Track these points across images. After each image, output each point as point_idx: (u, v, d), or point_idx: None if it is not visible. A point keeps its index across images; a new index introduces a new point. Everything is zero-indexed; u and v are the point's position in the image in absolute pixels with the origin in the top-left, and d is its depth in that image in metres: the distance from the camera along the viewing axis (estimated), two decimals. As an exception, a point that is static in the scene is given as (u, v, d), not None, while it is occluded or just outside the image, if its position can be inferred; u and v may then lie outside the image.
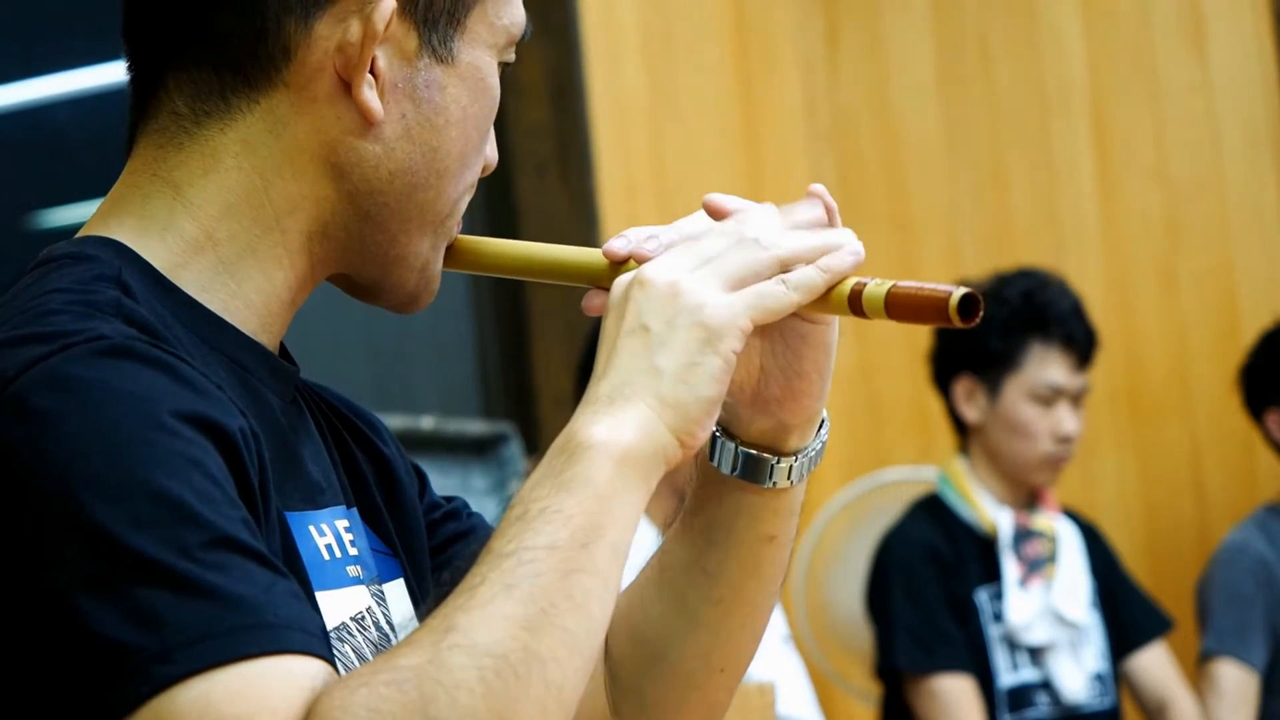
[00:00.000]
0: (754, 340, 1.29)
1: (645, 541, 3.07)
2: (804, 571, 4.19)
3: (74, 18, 3.37)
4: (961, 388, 3.69)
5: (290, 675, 1.06)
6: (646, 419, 1.17)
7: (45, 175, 3.32)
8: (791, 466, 1.34)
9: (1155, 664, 3.73)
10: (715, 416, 1.20)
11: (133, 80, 1.31)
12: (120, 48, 1.32)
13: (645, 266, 1.22)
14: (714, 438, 1.34)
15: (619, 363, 1.19)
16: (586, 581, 1.11)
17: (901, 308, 1.20)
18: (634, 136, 4.26)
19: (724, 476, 1.35)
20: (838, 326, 1.32)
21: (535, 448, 3.99)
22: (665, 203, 4.29)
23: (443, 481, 3.42)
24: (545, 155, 4.05)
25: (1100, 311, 3.98)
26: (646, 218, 4.25)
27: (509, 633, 1.07)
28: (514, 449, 3.60)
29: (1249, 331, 4.21)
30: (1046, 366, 3.64)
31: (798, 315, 1.27)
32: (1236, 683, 3.75)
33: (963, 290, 1.19)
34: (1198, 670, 3.80)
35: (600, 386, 1.18)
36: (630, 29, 4.28)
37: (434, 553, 1.42)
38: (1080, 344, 3.66)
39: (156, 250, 1.25)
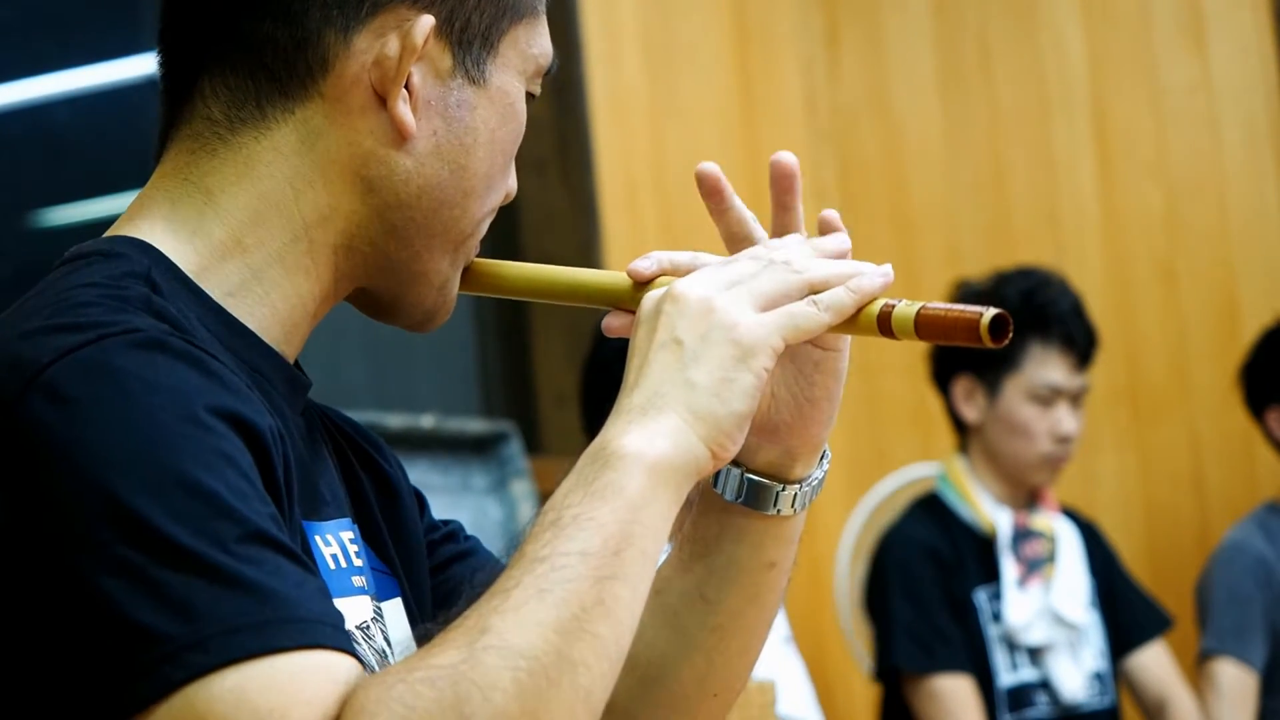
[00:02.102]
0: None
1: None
2: (849, 557, 4.18)
3: (74, 18, 3.37)
4: (961, 387, 3.69)
5: (324, 670, 1.07)
6: (679, 430, 1.18)
7: (45, 175, 3.32)
8: (795, 494, 1.35)
9: (1155, 663, 3.73)
10: (745, 431, 1.21)
11: (166, 83, 1.32)
12: (118, 48, 1.32)
13: (678, 282, 1.23)
14: None
15: (651, 374, 1.20)
16: (617, 588, 1.12)
17: (931, 328, 1.22)
18: (634, 135, 4.26)
19: (726, 503, 1.36)
20: (848, 355, 1.33)
21: (535, 447, 4.00)
22: (665, 201, 4.29)
23: (443, 481, 3.42)
24: (545, 153, 4.06)
25: (1100, 311, 3.98)
26: (646, 216, 4.26)
27: (542, 636, 1.09)
28: (514, 448, 3.60)
29: (1249, 331, 4.21)
30: (1046, 366, 3.63)
31: (819, 340, 1.29)
32: (1236, 682, 3.75)
33: (994, 311, 1.20)
34: (1197, 669, 3.80)
35: (633, 397, 1.20)
36: (630, 29, 4.28)
37: (433, 573, 1.43)
38: (1080, 344, 3.66)
39: (184, 253, 1.26)
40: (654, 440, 1.17)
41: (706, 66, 4.51)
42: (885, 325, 1.23)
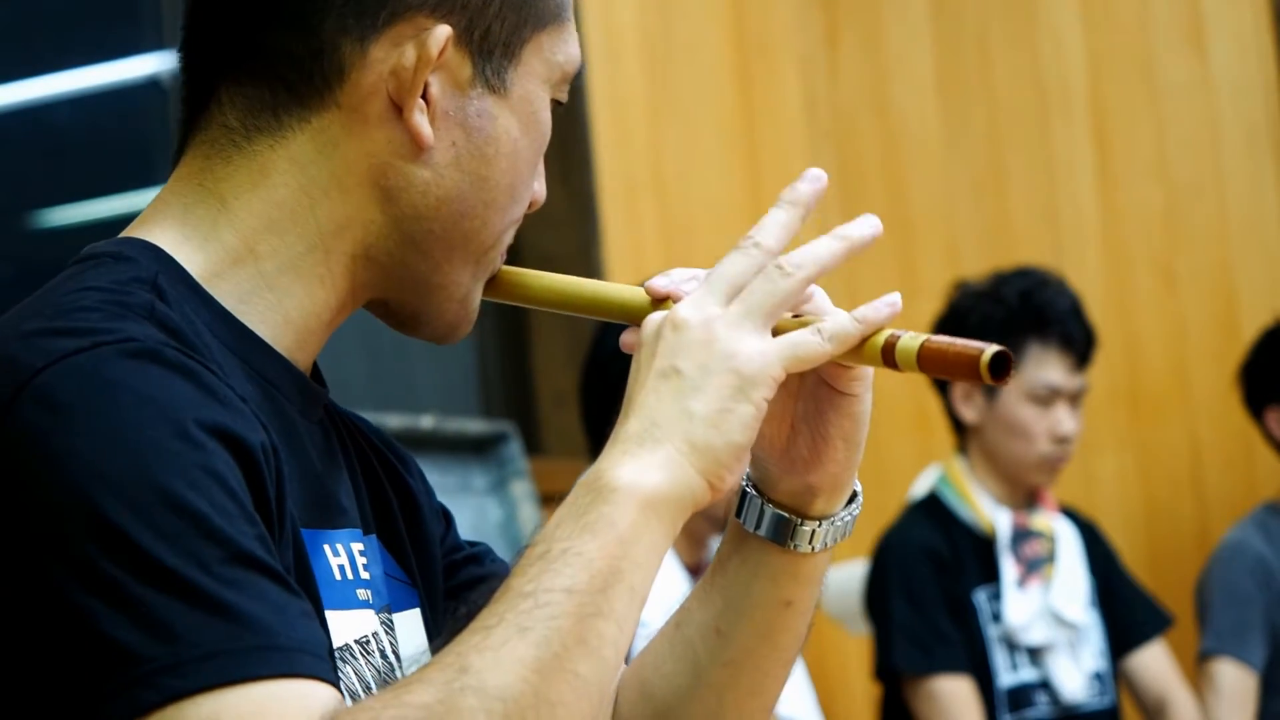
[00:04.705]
0: (788, 398, 1.30)
1: (671, 577, 3.06)
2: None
3: (74, 18, 3.37)
4: (959, 388, 3.69)
5: (300, 700, 1.06)
6: (675, 462, 1.17)
7: (45, 175, 3.32)
8: (814, 531, 1.33)
9: (1154, 662, 3.73)
10: (745, 462, 1.20)
11: (186, 91, 1.31)
12: (118, 48, 1.33)
13: (679, 307, 1.21)
14: (744, 493, 1.34)
15: (649, 403, 1.19)
16: (602, 626, 1.11)
17: (933, 362, 1.21)
18: (634, 136, 4.26)
19: (749, 536, 1.34)
20: (870, 400, 1.32)
21: (535, 447, 4.00)
22: (665, 202, 4.29)
23: (442, 481, 3.42)
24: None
25: (1100, 311, 3.98)
26: (646, 216, 4.26)
27: (520, 676, 1.07)
28: (514, 448, 3.60)
29: (1249, 331, 4.21)
30: (1044, 367, 3.63)
31: (830, 373, 1.28)
32: (1235, 682, 3.75)
33: (995, 348, 1.19)
34: (1197, 669, 3.80)
35: (629, 426, 1.18)
36: (630, 29, 4.28)
37: (452, 593, 1.42)
38: (1078, 344, 3.65)
39: (195, 259, 1.25)
40: (648, 472, 1.16)
41: (706, 67, 4.51)
42: (889, 357, 1.22)
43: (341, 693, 1.12)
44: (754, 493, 1.34)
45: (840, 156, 4.79)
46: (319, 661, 1.08)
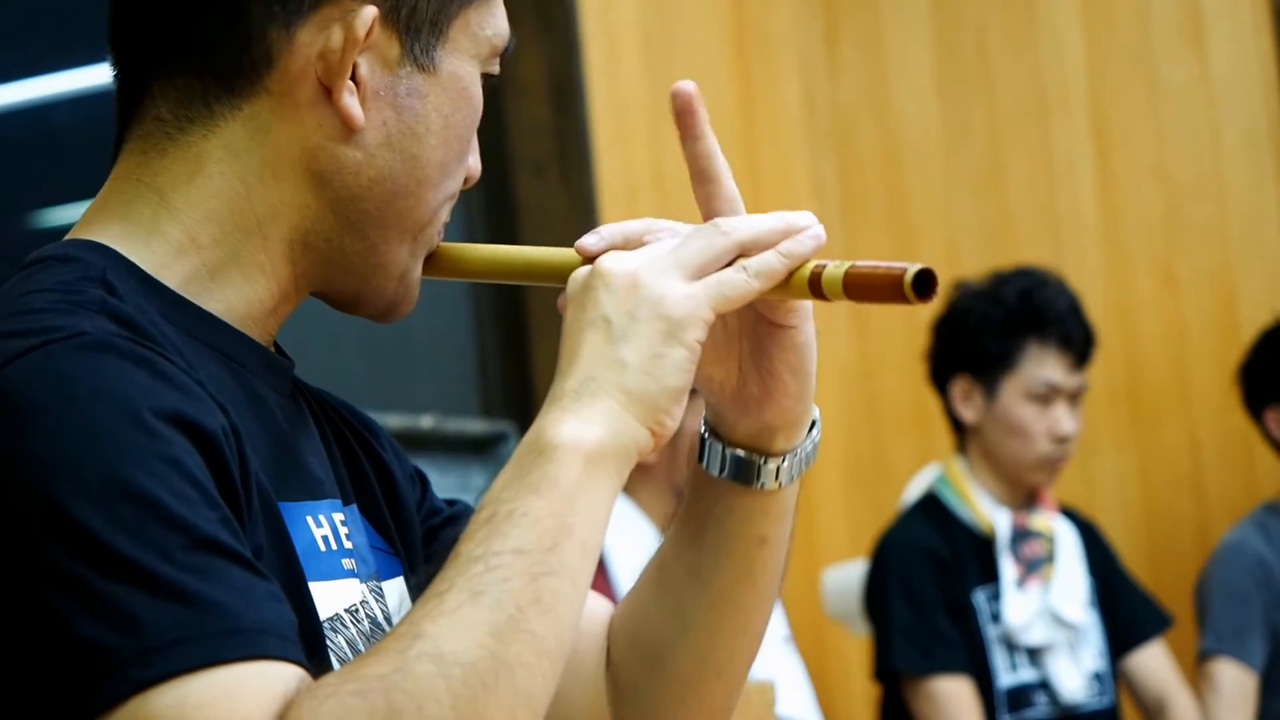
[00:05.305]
0: (730, 339, 1.30)
1: (646, 541, 3.07)
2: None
3: (74, 18, 3.37)
4: (959, 388, 3.69)
5: (265, 681, 1.06)
6: (613, 413, 1.17)
7: (45, 175, 3.32)
8: (779, 468, 1.33)
9: (1154, 662, 3.73)
10: (683, 405, 1.20)
11: (119, 87, 1.32)
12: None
13: (604, 258, 1.22)
14: (703, 439, 1.35)
15: (582, 357, 1.19)
16: (555, 584, 1.11)
17: (859, 288, 1.20)
18: (634, 136, 4.26)
19: (714, 481, 1.34)
20: (811, 330, 1.31)
21: (535, 447, 3.99)
22: (665, 202, 4.28)
23: (442, 481, 3.41)
24: (545, 155, 4.05)
25: (1099, 311, 3.98)
26: (646, 217, 4.25)
27: (476, 640, 1.08)
28: (513, 448, 3.59)
29: (1249, 331, 4.21)
30: (1043, 366, 3.63)
31: (766, 308, 1.28)
32: (1235, 682, 3.75)
33: (917, 267, 1.18)
34: (1196, 669, 3.80)
35: (565, 383, 1.19)
36: (630, 29, 4.28)
37: (435, 557, 1.42)
38: (1077, 343, 3.65)
39: (142, 254, 1.26)
40: (588, 427, 1.16)
41: (706, 67, 4.51)
42: (816, 287, 1.22)
43: (331, 660, 1.13)
44: (713, 438, 1.34)
45: (840, 156, 4.79)
46: (284, 643, 1.08)
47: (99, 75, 3.68)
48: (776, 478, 1.34)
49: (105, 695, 1.04)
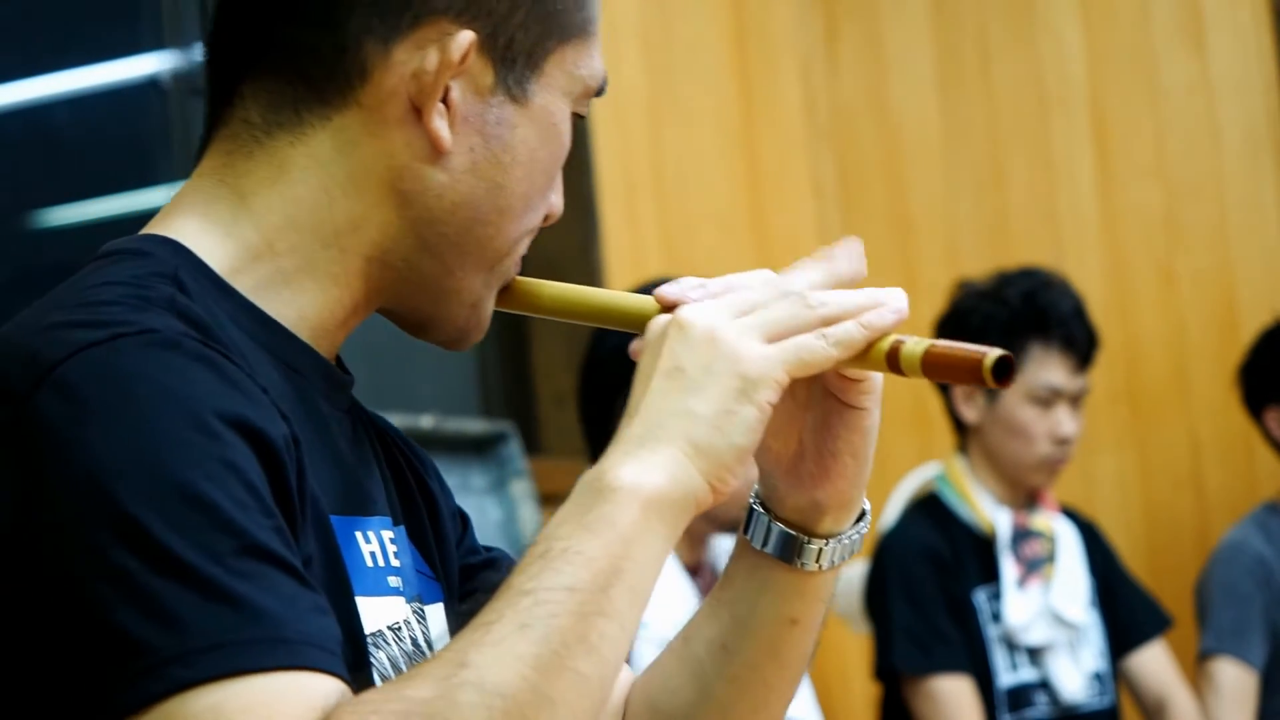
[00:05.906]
0: (795, 411, 1.30)
1: (676, 585, 3.05)
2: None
3: (74, 18, 3.37)
4: (960, 388, 3.69)
5: (304, 692, 1.06)
6: (677, 462, 1.17)
7: (45, 175, 3.32)
8: (822, 550, 1.33)
9: (1154, 662, 3.73)
10: (747, 465, 1.19)
11: (210, 87, 1.31)
12: (118, 48, 1.32)
13: (684, 309, 1.21)
14: (751, 510, 1.34)
15: (652, 404, 1.19)
16: (602, 625, 1.11)
17: (937, 367, 1.21)
18: (634, 136, 4.26)
19: (756, 553, 1.34)
20: (878, 415, 1.32)
21: (535, 447, 4.00)
22: (665, 202, 4.29)
23: (442, 481, 3.42)
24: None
25: (1100, 311, 3.98)
26: (645, 216, 4.26)
27: (520, 673, 1.08)
28: (513, 448, 3.60)
29: (1249, 331, 4.21)
30: (1046, 368, 3.63)
31: (838, 386, 1.28)
32: (1235, 681, 3.75)
33: (998, 352, 1.19)
34: (1196, 669, 3.80)
35: (632, 427, 1.18)
36: (630, 29, 4.28)
37: (465, 597, 1.42)
38: (1080, 346, 3.65)
39: (215, 254, 1.25)
40: (650, 473, 1.16)
41: (706, 66, 4.51)
42: (894, 362, 1.22)
43: (372, 676, 1.12)
44: (761, 510, 1.34)
45: (840, 156, 4.79)
46: (327, 655, 1.08)
47: (99, 75, 3.68)
48: (818, 559, 1.33)
49: (141, 692, 1.04)
